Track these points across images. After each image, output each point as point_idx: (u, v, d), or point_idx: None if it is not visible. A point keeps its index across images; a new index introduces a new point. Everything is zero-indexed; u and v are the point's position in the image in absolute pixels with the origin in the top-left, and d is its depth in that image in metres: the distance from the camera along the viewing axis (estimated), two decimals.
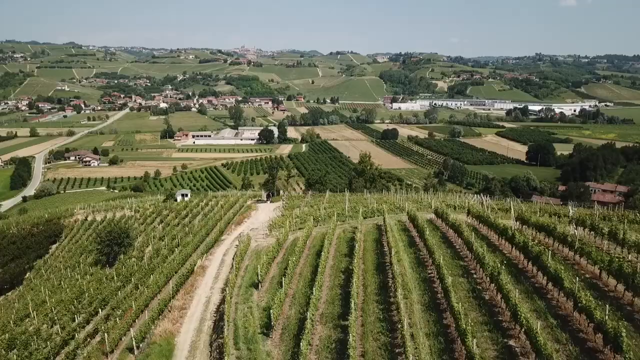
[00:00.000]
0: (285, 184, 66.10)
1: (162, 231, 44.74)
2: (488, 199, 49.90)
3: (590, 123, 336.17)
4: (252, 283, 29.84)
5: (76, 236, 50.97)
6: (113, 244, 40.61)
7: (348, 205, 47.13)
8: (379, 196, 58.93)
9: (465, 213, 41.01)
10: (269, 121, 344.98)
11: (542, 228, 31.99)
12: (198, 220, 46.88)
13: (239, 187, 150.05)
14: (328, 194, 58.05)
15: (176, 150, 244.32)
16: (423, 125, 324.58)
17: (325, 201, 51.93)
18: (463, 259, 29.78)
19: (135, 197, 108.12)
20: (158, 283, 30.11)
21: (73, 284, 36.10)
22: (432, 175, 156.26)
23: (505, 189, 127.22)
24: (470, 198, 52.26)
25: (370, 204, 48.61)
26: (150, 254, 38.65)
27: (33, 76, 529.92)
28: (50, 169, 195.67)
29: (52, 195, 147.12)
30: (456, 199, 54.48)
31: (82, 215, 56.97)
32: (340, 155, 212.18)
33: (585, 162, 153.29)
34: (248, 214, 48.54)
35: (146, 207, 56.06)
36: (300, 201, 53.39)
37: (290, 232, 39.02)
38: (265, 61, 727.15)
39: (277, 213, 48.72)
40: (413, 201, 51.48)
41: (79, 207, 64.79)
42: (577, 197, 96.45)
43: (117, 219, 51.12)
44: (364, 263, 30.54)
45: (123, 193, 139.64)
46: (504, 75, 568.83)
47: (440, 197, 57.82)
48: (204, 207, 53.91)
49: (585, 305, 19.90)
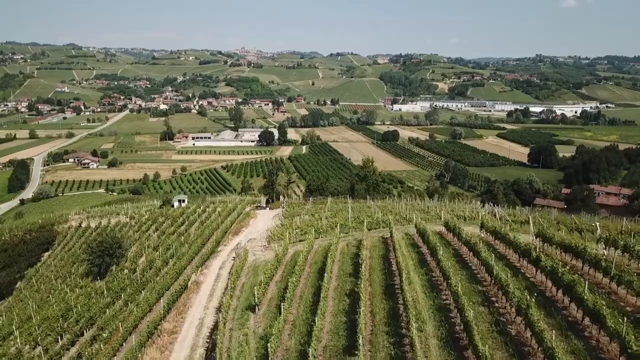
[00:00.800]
0: (285, 190, 64.41)
1: (157, 240, 43.09)
2: (500, 209, 46.94)
3: (592, 124, 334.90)
4: (249, 305, 27.72)
5: (69, 244, 49.45)
6: (104, 254, 39.03)
7: (351, 214, 45.17)
8: (383, 204, 56.75)
9: (476, 225, 38.59)
10: (269, 123, 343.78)
11: (569, 248, 28.36)
12: (194, 229, 45.34)
13: (238, 189, 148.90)
14: (330, 202, 56.05)
15: (176, 152, 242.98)
16: (424, 127, 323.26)
17: (327, 209, 50.12)
18: (481, 282, 26.76)
19: (132, 202, 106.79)
20: (149, 301, 28.51)
21: (61, 298, 34.60)
22: (433, 177, 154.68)
23: (507, 191, 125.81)
24: (480, 207, 50.06)
25: (375, 213, 46.63)
26: (144, 265, 37.09)
27: (33, 77, 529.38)
28: (48, 171, 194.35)
29: (50, 198, 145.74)
30: (465, 208, 52.24)
31: (76, 222, 55.49)
32: (340, 157, 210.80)
33: (588, 164, 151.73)
34: (246, 222, 46.80)
35: (142, 214, 54.53)
36: (300, 209, 51.56)
37: (290, 244, 37.05)
38: (266, 62, 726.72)
39: (277, 222, 46.91)
40: (420, 210, 49.30)
41: (73, 212, 63.39)
42: (581, 201, 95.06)
43: (112, 226, 49.65)
44: (370, 285, 27.99)
45: (121, 196, 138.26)
46: (505, 77, 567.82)
47: (447, 205, 55.51)
48: (201, 213, 52.40)
49: (636, 353, 16.85)
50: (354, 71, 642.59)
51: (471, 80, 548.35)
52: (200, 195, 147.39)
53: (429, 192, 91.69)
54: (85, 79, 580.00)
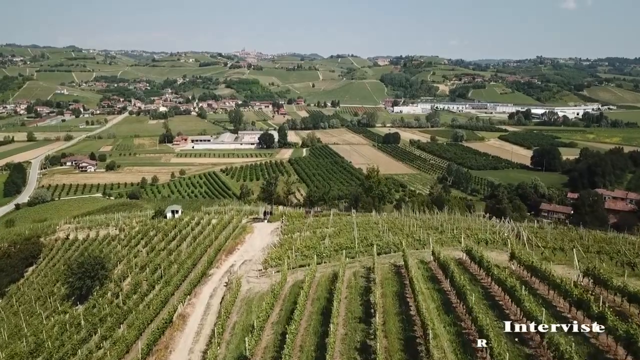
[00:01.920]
0: (285, 198, 61.66)
1: (146, 257, 40.07)
2: (525, 230, 40.61)
3: (594, 126, 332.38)
4: (240, 356, 23.80)
5: (55, 258, 46.61)
6: (85, 277, 35.66)
7: (357, 233, 40.23)
8: (391, 219, 51.81)
9: (500, 249, 34.55)
10: (269, 125, 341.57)
11: (635, 298, 22.45)
12: (186, 245, 42.22)
13: (237, 193, 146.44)
14: (332, 216, 51.07)
15: (175, 155, 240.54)
16: (425, 129, 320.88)
17: (330, 225, 45.94)
18: (526, 342, 20.96)
19: (127, 209, 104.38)
20: (127, 340, 25.61)
21: (35, 328, 31.94)
22: (437, 184, 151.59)
23: (512, 196, 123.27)
24: (501, 224, 45.31)
25: (383, 232, 42.17)
26: (129, 289, 34.05)
27: (32, 80, 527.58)
28: (46, 174, 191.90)
29: (46, 202, 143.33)
30: (481, 223, 47.72)
31: (64, 233, 52.83)
32: (341, 160, 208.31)
33: (593, 167, 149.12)
34: (242, 237, 43.31)
35: (132, 226, 51.57)
36: (301, 223, 47.58)
37: (290, 270, 32.72)
38: (266, 64, 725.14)
39: (275, 238, 43.31)
40: (432, 228, 44.36)
41: (63, 221, 60.84)
42: (590, 206, 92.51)
43: (100, 239, 46.92)
44: (386, 337, 23.09)
45: (118, 200, 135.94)
46: (506, 78, 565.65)
47: (459, 220, 50.85)
48: (195, 226, 49.34)
49: None
50: (354, 73, 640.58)
51: (472, 82, 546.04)
52: (199, 200, 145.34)
53: (433, 198, 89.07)
54: (84, 81, 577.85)
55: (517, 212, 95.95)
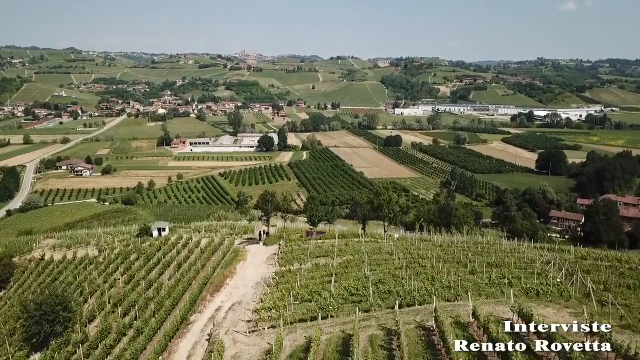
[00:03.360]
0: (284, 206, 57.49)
1: (123, 289, 35.24)
2: (579, 270, 33.49)
3: (598, 129, 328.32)
4: None
5: (26, 283, 41.71)
6: (43, 321, 30.08)
7: (370, 272, 33.14)
8: (405, 246, 43.93)
9: (557, 303, 27.75)
10: (269, 127, 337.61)
11: None
12: (169, 274, 37.16)
13: (235, 198, 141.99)
14: (338, 241, 43.53)
15: (173, 159, 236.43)
16: (427, 132, 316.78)
17: (336, 254, 38.91)
18: None
19: (117, 218, 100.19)
20: None
21: None
22: (443, 190, 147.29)
23: (520, 202, 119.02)
24: (526, 243, 39.80)
25: (400, 267, 35.14)
26: (95, 336, 28.99)
27: (31, 82, 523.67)
28: (40, 179, 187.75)
29: (39, 208, 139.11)
30: (513, 252, 41.39)
31: (40, 253, 48.31)
32: (342, 163, 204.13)
33: (602, 172, 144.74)
34: (233, 268, 37.43)
35: (114, 246, 46.91)
36: (301, 250, 40.76)
37: (287, 327, 26.26)
38: (266, 66, 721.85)
39: (271, 269, 37.46)
40: (460, 264, 37.23)
41: (43, 236, 56.50)
42: (604, 214, 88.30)
43: (77, 262, 42.38)
44: None
45: (112, 207, 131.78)
46: (507, 80, 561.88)
47: (486, 248, 43.72)
48: (182, 249, 44.25)
49: None
50: (354, 75, 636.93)
51: (473, 84, 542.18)
52: (196, 205, 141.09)
53: (440, 206, 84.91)
54: (83, 83, 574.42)
55: (527, 220, 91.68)
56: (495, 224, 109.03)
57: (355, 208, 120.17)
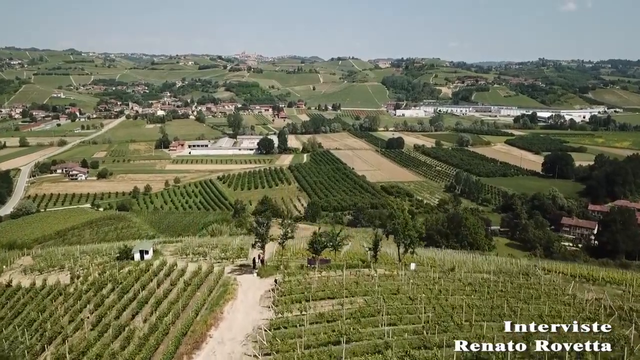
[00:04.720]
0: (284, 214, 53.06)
1: (87, 335, 29.78)
2: None
3: (602, 130, 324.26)
4: None
5: None
6: None
7: (392, 341, 24.95)
8: (428, 284, 36.93)
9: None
10: (269, 129, 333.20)
11: None
12: (144, 316, 31.75)
13: (233, 202, 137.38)
14: (346, 273, 38.09)
15: (170, 162, 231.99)
16: (429, 133, 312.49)
17: (344, 295, 32.91)
18: None
19: (110, 225, 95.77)
20: None
21: None
22: (449, 196, 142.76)
23: (529, 208, 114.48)
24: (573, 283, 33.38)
25: (427, 326, 27.72)
26: None
27: (29, 83, 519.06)
28: (34, 183, 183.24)
29: (31, 214, 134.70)
30: (562, 298, 33.91)
31: (7, 277, 43.52)
32: (344, 166, 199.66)
33: (613, 176, 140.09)
34: (219, 311, 31.67)
35: (89, 272, 42.08)
36: (302, 287, 35.02)
37: None
38: (266, 67, 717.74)
39: (265, 314, 31.43)
40: (487, 299, 31.62)
41: (20, 253, 52.00)
42: (622, 223, 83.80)
43: (46, 291, 37.63)
44: None
45: (106, 213, 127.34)
46: (509, 81, 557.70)
47: (530, 294, 35.28)
48: (163, 279, 39.33)
49: None
50: (355, 76, 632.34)
51: (475, 85, 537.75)
52: (193, 211, 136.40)
53: (449, 215, 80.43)
54: (82, 84, 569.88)
55: (539, 229, 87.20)
56: (504, 231, 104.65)
57: (358, 215, 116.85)
